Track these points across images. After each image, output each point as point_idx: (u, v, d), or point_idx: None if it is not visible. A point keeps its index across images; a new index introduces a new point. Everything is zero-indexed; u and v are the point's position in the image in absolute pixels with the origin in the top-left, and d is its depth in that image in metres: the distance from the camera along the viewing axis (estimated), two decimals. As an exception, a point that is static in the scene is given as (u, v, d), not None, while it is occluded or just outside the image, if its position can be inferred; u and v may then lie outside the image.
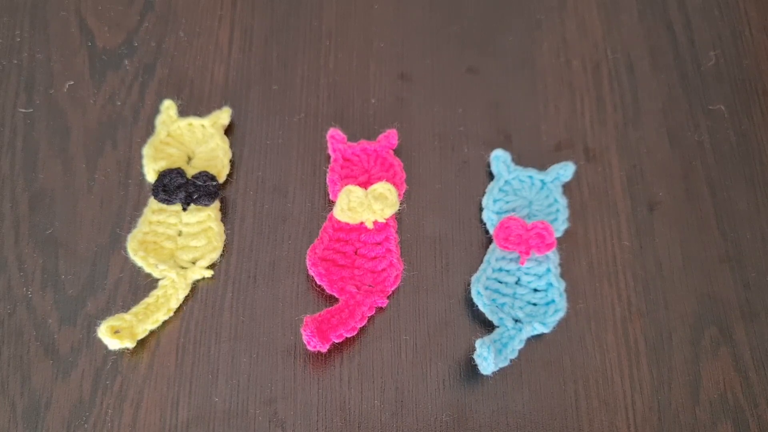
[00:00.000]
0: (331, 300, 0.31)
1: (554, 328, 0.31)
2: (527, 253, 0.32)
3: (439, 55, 0.38)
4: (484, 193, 0.34)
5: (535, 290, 0.32)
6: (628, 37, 0.38)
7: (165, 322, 0.31)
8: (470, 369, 0.30)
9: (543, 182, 0.34)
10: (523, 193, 0.34)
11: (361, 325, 0.31)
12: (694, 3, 0.40)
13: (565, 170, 0.34)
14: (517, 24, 0.39)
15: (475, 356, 0.29)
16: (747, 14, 0.40)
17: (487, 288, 0.32)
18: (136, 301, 0.31)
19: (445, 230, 0.33)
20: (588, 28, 0.39)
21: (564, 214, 0.33)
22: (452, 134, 0.36)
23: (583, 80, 0.37)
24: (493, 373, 0.29)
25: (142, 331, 0.30)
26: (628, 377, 0.31)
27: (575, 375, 0.30)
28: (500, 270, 0.32)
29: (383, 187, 0.32)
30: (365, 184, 0.33)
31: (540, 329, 0.30)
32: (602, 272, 0.33)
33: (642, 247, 0.33)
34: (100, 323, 0.29)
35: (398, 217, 0.33)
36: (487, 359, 0.29)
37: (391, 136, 0.35)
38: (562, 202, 0.34)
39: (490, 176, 0.35)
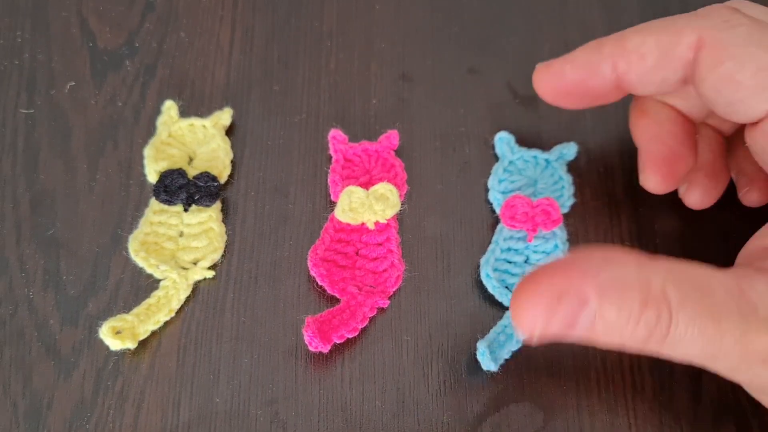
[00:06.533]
0: (333, 301, 0.31)
1: None
2: (534, 231, 0.32)
3: (441, 55, 0.38)
4: (485, 193, 0.34)
5: None
6: (629, 37, 0.38)
7: (166, 323, 0.31)
8: (471, 370, 0.30)
9: (547, 161, 0.35)
10: (528, 172, 0.34)
11: (362, 326, 0.31)
12: (695, 4, 0.40)
13: (569, 149, 0.34)
14: (518, 25, 0.39)
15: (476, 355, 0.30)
16: (748, 15, 0.40)
17: (496, 270, 0.32)
18: (137, 301, 0.31)
19: (447, 231, 0.33)
20: (589, 29, 0.39)
21: (569, 191, 0.34)
22: (453, 135, 0.36)
23: (584, 81, 0.37)
24: (496, 371, 0.30)
25: (144, 331, 0.30)
26: (629, 377, 0.31)
27: (576, 375, 0.31)
28: (509, 250, 0.33)
29: (384, 188, 0.32)
30: (366, 185, 0.33)
31: None
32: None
33: (642, 248, 0.33)
34: (101, 324, 0.30)
35: (399, 217, 0.33)
36: (484, 357, 0.29)
37: (392, 137, 0.35)
38: (567, 178, 0.34)
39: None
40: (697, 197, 0.32)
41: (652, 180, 0.31)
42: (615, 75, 0.29)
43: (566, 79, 0.30)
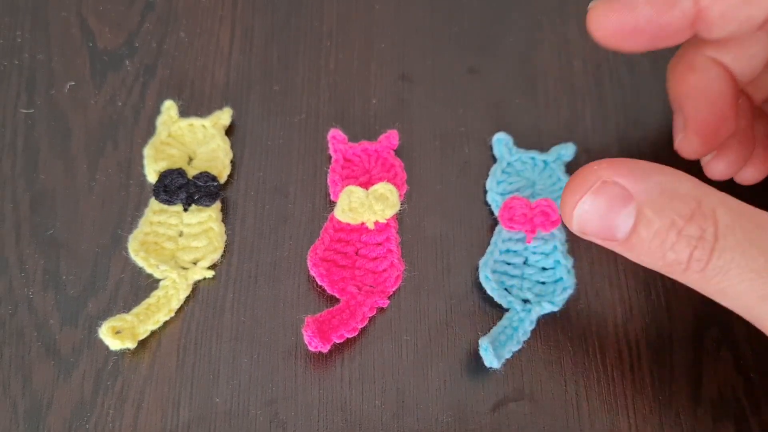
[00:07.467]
0: (332, 300, 0.31)
1: (563, 306, 0.31)
2: (533, 232, 0.32)
3: (440, 55, 0.38)
4: (485, 193, 0.34)
5: (544, 269, 0.32)
6: (628, 37, 0.38)
7: (166, 323, 0.31)
8: (471, 370, 0.30)
9: (546, 163, 0.34)
10: (526, 174, 0.34)
11: (362, 326, 0.31)
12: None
13: (567, 150, 0.34)
14: (518, 24, 0.39)
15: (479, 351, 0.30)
16: (748, 14, 0.40)
17: (494, 271, 0.32)
18: (137, 301, 0.31)
19: (446, 231, 0.33)
20: (589, 29, 0.39)
21: None
22: (453, 135, 0.36)
23: (584, 81, 0.37)
24: (498, 369, 0.30)
25: (144, 331, 0.30)
26: (629, 377, 0.31)
27: (576, 375, 0.31)
28: (507, 251, 0.33)
29: (384, 188, 0.32)
30: (366, 185, 0.33)
31: (549, 308, 0.31)
32: (603, 273, 0.33)
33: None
34: (101, 324, 0.30)
35: (399, 217, 0.33)
36: (487, 352, 0.29)
37: (391, 137, 0.35)
38: (566, 180, 0.34)
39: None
40: (724, 167, 0.30)
41: (694, 142, 0.28)
42: (695, 9, 0.25)
43: (638, 15, 0.26)
